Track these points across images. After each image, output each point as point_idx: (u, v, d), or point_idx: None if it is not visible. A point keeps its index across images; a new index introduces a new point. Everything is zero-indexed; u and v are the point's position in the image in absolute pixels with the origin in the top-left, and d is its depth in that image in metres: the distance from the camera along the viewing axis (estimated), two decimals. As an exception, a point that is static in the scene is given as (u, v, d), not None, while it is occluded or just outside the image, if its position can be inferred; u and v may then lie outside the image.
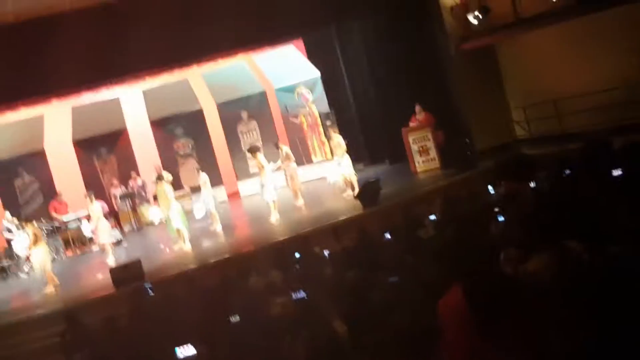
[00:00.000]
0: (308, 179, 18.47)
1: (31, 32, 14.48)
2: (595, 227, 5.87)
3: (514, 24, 15.44)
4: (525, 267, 5.49)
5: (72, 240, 18.23)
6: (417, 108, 16.34)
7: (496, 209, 8.41)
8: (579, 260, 5.10)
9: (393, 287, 6.51)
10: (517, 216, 7.41)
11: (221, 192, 19.78)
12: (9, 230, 16.96)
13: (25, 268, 16.36)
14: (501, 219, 7.73)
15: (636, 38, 13.75)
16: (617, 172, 7.46)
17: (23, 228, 14.66)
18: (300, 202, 16.15)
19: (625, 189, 6.99)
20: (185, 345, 5.94)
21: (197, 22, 15.38)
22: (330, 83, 19.71)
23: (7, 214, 17.57)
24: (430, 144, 16.08)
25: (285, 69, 20.08)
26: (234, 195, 20.89)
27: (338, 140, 15.32)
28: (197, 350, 5.95)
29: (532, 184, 9.22)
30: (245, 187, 20.29)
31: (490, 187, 10.94)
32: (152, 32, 15.06)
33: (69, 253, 18.24)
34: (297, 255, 9.91)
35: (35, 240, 14.10)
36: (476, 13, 16.01)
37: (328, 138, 15.98)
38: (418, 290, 6.19)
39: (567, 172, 8.83)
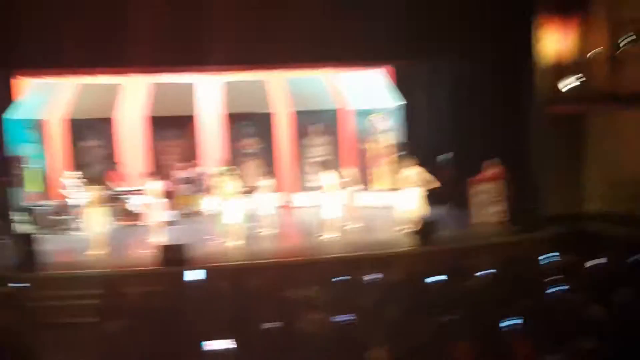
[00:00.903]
0: (366, 205, 18.39)
1: (123, 3, 14.81)
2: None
3: (609, 98, 15.09)
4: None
5: (123, 212, 18.56)
6: (491, 161, 16.10)
7: (548, 279, 8.21)
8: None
9: (430, 328, 6.40)
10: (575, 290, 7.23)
11: (276, 199, 19.81)
12: (68, 188, 17.33)
13: (76, 226, 16.65)
14: (559, 288, 7.51)
15: None
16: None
17: (82, 188, 14.91)
18: (354, 225, 16.13)
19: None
20: (214, 341, 5.92)
21: (288, 28, 15.48)
22: (410, 115, 19.59)
23: (71, 172, 17.96)
24: (497, 199, 15.79)
25: (366, 92, 20.06)
26: (288, 205, 20.90)
27: (412, 172, 15.17)
28: (224, 347, 5.92)
29: (590, 263, 8.95)
30: (301, 198, 20.31)
31: (547, 255, 10.71)
32: (240, 28, 15.27)
33: (121, 222, 18.52)
34: (340, 277, 9.83)
35: (94, 203, 14.38)
36: (570, 78, 15.74)
37: (401, 169, 15.83)
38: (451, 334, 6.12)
39: (633, 258, 8.55)
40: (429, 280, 9.29)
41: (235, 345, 6.44)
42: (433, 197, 18.90)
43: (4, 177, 15.15)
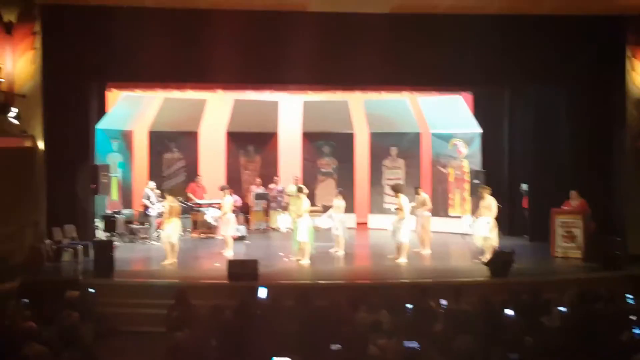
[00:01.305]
0: (440, 230, 18.19)
1: (218, 22, 15.25)
2: None
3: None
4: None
5: (199, 224, 18.90)
6: (574, 193, 15.63)
7: (632, 318, 7.90)
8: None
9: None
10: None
11: (351, 220, 19.80)
12: (149, 198, 17.78)
13: (154, 236, 17.06)
14: (637, 331, 7.20)
15: None
16: None
17: (163, 199, 15.27)
18: (427, 251, 15.99)
19: None
20: (283, 358, 5.91)
21: (371, 52, 15.58)
22: (489, 142, 19.30)
23: (152, 183, 18.41)
24: (578, 232, 15.26)
25: (446, 117, 19.88)
26: (362, 225, 20.88)
27: (490, 202, 14.90)
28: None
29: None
30: (376, 220, 20.24)
31: (631, 295, 10.32)
32: (322, 49, 15.49)
33: (194, 234, 18.90)
34: (409, 303, 9.71)
35: (171, 214, 14.72)
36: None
37: (479, 197, 15.59)
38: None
39: None
40: (501, 312, 9.10)
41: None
42: (511, 227, 18.65)
43: (92, 184, 15.62)
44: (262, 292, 10.30)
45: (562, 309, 9.16)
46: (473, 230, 15.56)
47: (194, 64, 15.50)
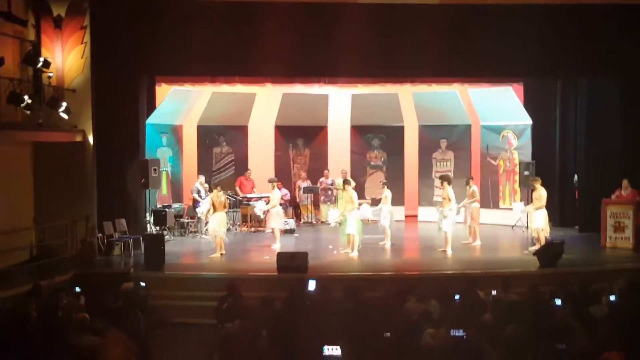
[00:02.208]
0: (489, 222, 18.04)
1: (267, 14, 15.22)
2: None
3: None
4: None
5: (249, 217, 19.07)
6: (625, 182, 15.45)
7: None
8: None
9: (551, 350, 6.20)
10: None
11: (400, 212, 19.74)
12: (198, 192, 18.00)
13: (204, 230, 17.28)
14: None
15: None
16: None
17: (213, 191, 15.45)
18: (477, 242, 15.91)
19: None
20: (333, 346, 5.94)
21: (419, 43, 15.47)
22: (539, 134, 19.08)
23: (202, 177, 18.63)
24: (629, 222, 15.07)
25: (496, 109, 19.68)
26: (411, 218, 20.82)
27: (541, 193, 14.75)
28: (342, 354, 5.94)
29: None
30: (425, 212, 20.19)
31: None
32: (372, 41, 15.44)
33: (244, 228, 19.07)
34: (459, 293, 9.70)
35: (217, 207, 14.89)
36: None
37: (530, 188, 15.45)
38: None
39: None
40: (551, 302, 9.02)
41: (352, 353, 6.46)
42: (562, 218, 18.44)
43: (142, 178, 15.86)
44: (312, 285, 10.37)
45: (611, 298, 9.05)
46: (525, 217, 15.43)
47: (243, 57, 15.48)
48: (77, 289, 10.81)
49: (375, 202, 17.12)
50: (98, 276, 12.87)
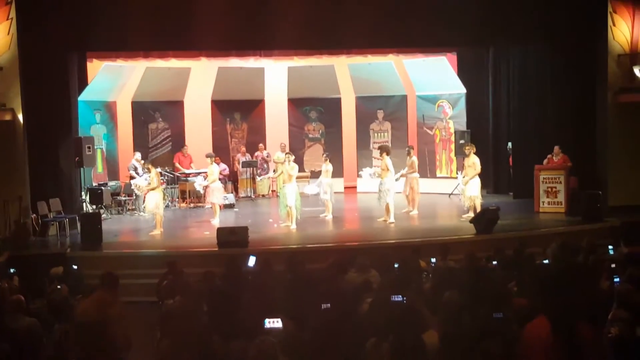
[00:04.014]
0: (427, 191, 18.29)
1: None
2: None
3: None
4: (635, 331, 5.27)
5: (188, 193, 18.91)
6: (556, 149, 15.86)
7: (613, 267, 8.05)
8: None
9: (488, 316, 6.33)
10: (634, 281, 7.06)
11: (339, 184, 19.85)
12: (135, 169, 17.75)
13: (142, 207, 17.06)
14: (616, 279, 7.34)
15: None
16: None
17: (147, 170, 15.25)
18: (415, 212, 16.10)
19: None
20: (274, 319, 5.95)
21: (354, 14, 15.46)
22: (473, 102, 19.41)
23: (138, 154, 18.35)
24: (561, 187, 15.53)
25: (431, 79, 19.88)
26: (351, 189, 20.94)
27: (474, 160, 15.02)
28: (283, 325, 5.96)
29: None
30: (364, 184, 20.34)
31: (610, 246, 10.52)
32: (307, 13, 15.32)
33: (183, 204, 18.91)
34: (399, 262, 9.81)
35: (159, 183, 14.72)
36: (643, 67, 15.33)
37: (463, 156, 15.72)
38: (513, 322, 6.06)
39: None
40: (487, 267, 9.22)
41: (293, 325, 6.48)
42: (497, 185, 18.85)
43: (76, 157, 15.55)
44: (252, 261, 10.34)
45: (544, 261, 9.30)
46: (460, 189, 15.72)
47: (177, 31, 15.23)
48: (11, 270, 10.58)
49: (315, 174, 17.15)
50: (33, 257, 12.57)
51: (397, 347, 4.96)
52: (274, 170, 18.28)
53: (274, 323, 5.90)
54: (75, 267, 11.36)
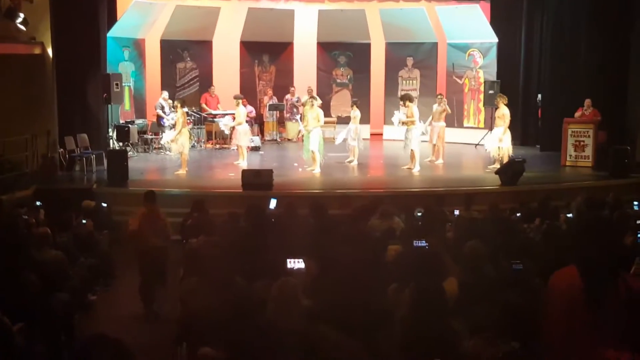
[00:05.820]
0: (453, 141, 18.17)
1: None
2: None
3: None
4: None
5: (214, 134, 18.94)
6: (587, 102, 15.65)
7: (638, 223, 8.00)
8: None
9: (510, 267, 6.34)
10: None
11: (366, 130, 19.76)
12: (162, 108, 17.77)
13: (167, 146, 17.12)
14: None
15: None
16: None
17: (174, 109, 15.27)
18: (440, 161, 16.05)
19: None
20: (296, 259, 6.00)
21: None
22: (504, 53, 19.10)
23: (165, 93, 18.35)
24: (589, 141, 15.33)
25: (463, 27, 19.56)
26: (377, 136, 20.87)
27: (504, 112, 14.83)
28: (305, 266, 6.01)
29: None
30: (390, 131, 20.23)
31: (636, 202, 10.44)
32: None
33: (209, 145, 18.97)
34: (422, 210, 9.81)
35: (185, 123, 14.74)
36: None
37: (493, 107, 15.52)
38: (535, 273, 6.06)
39: None
40: (511, 219, 9.19)
41: (315, 265, 6.53)
42: (525, 137, 18.66)
43: (104, 93, 15.59)
44: (273, 204, 10.38)
45: (569, 215, 9.26)
46: (488, 140, 15.59)
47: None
48: (38, 203, 10.73)
49: (341, 120, 17.06)
50: (60, 192, 12.70)
51: (418, 293, 4.98)
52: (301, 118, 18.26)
53: (296, 263, 5.96)
54: (104, 204, 11.51)
